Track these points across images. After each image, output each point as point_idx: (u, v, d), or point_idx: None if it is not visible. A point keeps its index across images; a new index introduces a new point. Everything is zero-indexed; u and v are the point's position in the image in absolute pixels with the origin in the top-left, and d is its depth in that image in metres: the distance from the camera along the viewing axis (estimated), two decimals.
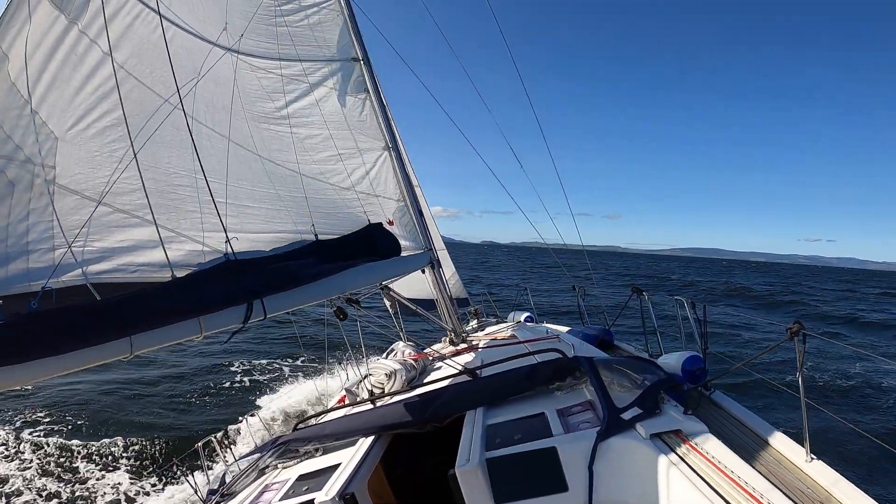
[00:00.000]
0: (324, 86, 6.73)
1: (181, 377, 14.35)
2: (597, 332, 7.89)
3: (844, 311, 39.32)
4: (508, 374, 5.07)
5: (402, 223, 7.74)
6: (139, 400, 12.55)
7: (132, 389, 13.23)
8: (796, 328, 3.68)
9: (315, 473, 4.50)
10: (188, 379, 14.24)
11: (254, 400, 12.63)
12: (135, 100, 4.22)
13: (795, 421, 3.97)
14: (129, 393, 13.01)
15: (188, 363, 15.71)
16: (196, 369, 15.22)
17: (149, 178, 4.15)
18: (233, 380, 14.37)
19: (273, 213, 5.68)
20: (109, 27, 3.92)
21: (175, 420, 11.38)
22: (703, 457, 3.33)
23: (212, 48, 5.22)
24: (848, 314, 36.44)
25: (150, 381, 13.91)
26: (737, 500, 2.88)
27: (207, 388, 13.47)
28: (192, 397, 12.83)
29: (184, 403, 12.38)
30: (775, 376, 14.62)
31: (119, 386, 13.39)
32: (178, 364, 15.51)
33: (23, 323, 2.64)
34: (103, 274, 3.64)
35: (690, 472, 3.19)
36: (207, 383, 13.90)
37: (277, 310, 4.13)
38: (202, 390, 13.31)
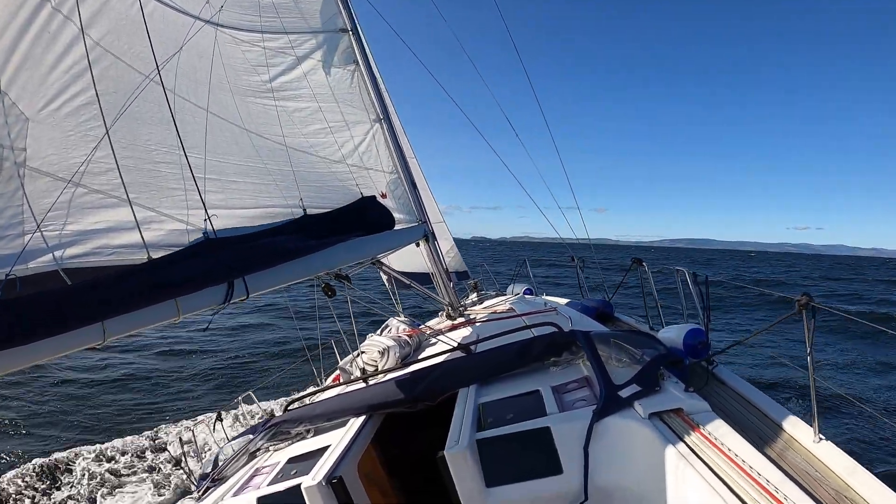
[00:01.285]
0: (311, 58, 6.59)
1: (171, 359, 14.37)
2: (596, 305, 7.82)
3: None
4: (502, 350, 4.96)
5: (396, 196, 7.64)
6: (130, 384, 12.56)
7: (123, 373, 13.27)
8: (805, 300, 3.49)
9: (304, 456, 4.43)
10: (178, 362, 14.26)
11: (246, 381, 12.62)
12: (113, 77, 4.11)
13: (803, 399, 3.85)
14: (118, 377, 13.05)
15: (176, 345, 15.75)
16: (185, 351, 15.27)
17: (128, 156, 4.08)
18: (224, 362, 14.37)
19: (261, 188, 5.58)
20: (84, 3, 3.82)
21: (166, 404, 11.41)
22: (705, 437, 3.21)
23: (194, 22, 5.09)
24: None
25: (140, 364, 13.95)
26: (739, 484, 2.76)
27: (198, 371, 13.50)
28: (183, 381, 12.83)
29: (175, 387, 12.39)
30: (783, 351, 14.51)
31: (108, 371, 13.42)
32: (166, 346, 15.55)
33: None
34: (76, 258, 3.55)
35: (691, 454, 3.07)
36: (197, 366, 13.92)
37: (260, 288, 4.06)
38: (193, 373, 13.34)
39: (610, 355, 4.42)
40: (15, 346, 2.49)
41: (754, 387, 4.56)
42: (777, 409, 4.07)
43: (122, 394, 12.11)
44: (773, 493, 2.63)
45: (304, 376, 12.54)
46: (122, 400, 11.75)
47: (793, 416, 3.91)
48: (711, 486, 2.78)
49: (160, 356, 14.80)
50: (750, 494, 2.66)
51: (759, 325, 22.67)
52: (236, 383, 12.58)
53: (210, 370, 13.61)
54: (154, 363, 14.29)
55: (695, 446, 3.13)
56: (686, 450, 3.11)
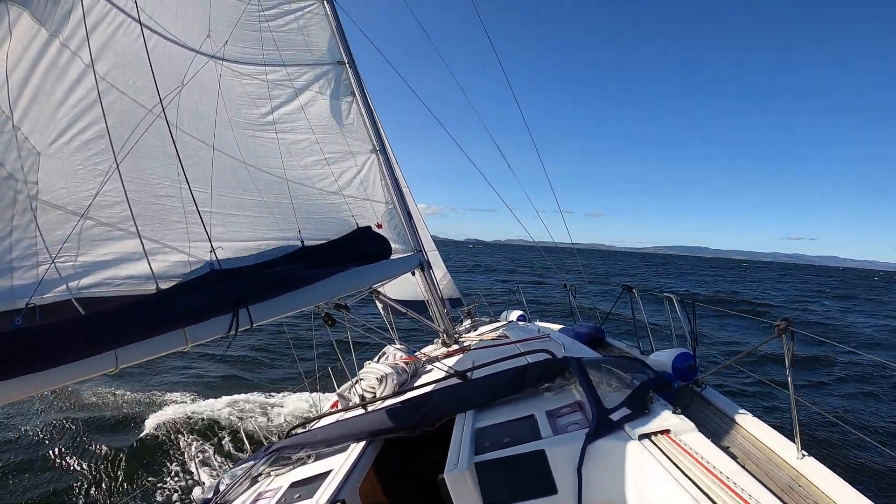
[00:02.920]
0: (309, 90, 6.72)
1: (172, 386, 14.27)
2: (588, 330, 7.91)
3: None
4: (497, 377, 5.04)
5: (391, 226, 7.73)
6: (131, 410, 12.48)
7: (123, 399, 13.19)
8: (784, 325, 3.64)
9: (307, 480, 4.50)
10: (179, 388, 14.17)
11: (246, 408, 12.59)
12: (118, 111, 4.20)
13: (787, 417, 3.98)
14: (119, 403, 12.95)
15: (178, 373, 15.66)
16: (186, 378, 15.18)
17: (132, 189, 4.15)
18: (226, 389, 14.32)
19: (260, 221, 5.67)
20: (91, 39, 3.92)
21: (167, 430, 11.35)
22: (692, 457, 3.32)
23: (195, 56, 5.21)
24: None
25: (141, 390, 13.86)
26: (724, 500, 2.86)
27: (198, 400, 13.40)
28: (185, 407, 12.77)
29: (173, 413, 12.32)
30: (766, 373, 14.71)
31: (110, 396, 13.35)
32: (167, 373, 15.46)
33: (6, 340, 2.63)
34: (87, 288, 3.64)
35: (678, 473, 3.17)
36: (199, 393, 13.84)
37: (264, 318, 4.13)
38: (193, 402, 13.24)
39: (601, 380, 4.55)
40: (36, 371, 2.56)
41: (740, 407, 4.70)
42: (761, 428, 4.20)
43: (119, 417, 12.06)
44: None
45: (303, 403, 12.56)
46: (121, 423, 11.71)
47: (776, 433, 4.05)
48: (697, 502, 2.89)
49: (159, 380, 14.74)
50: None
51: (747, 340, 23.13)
52: (237, 410, 12.54)
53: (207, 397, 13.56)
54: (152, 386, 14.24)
55: (683, 465, 3.24)
56: (674, 469, 3.22)
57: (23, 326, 2.98)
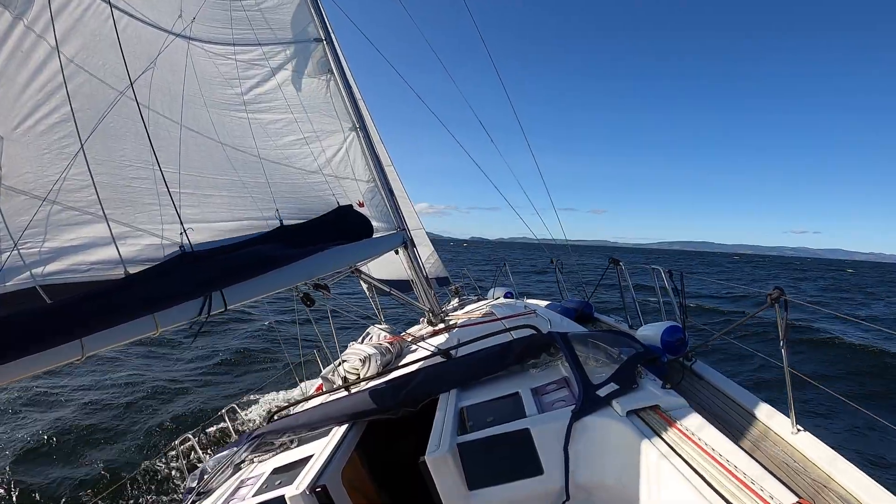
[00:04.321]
0: (285, 69, 6.63)
1: (152, 376, 14.19)
2: (576, 306, 7.90)
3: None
4: (481, 354, 4.99)
5: (373, 204, 7.68)
6: (112, 400, 12.41)
7: (102, 390, 13.14)
8: (776, 294, 3.58)
9: (288, 466, 4.45)
10: (160, 377, 14.08)
11: (229, 395, 12.55)
12: (87, 93, 4.12)
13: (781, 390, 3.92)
14: (99, 393, 12.88)
15: (156, 362, 15.61)
16: (165, 367, 15.13)
17: (103, 172, 4.09)
18: (207, 376, 14.28)
19: (237, 201, 5.60)
20: (58, 20, 3.84)
21: (150, 420, 11.32)
22: (682, 433, 3.26)
23: (167, 36, 5.11)
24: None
25: (120, 381, 13.79)
26: (716, 478, 2.80)
27: (181, 386, 13.37)
28: (166, 395, 12.72)
29: (157, 402, 12.29)
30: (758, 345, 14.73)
31: (90, 387, 13.29)
32: (145, 364, 15.39)
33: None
34: (54, 275, 3.57)
35: (668, 450, 3.11)
36: (180, 381, 13.79)
37: (238, 300, 4.08)
38: (176, 388, 13.21)
39: (588, 355, 4.48)
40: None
41: (732, 381, 4.63)
42: (755, 403, 4.14)
43: (101, 407, 12.00)
44: (751, 486, 2.67)
45: (287, 386, 12.55)
46: (103, 415, 11.66)
47: (770, 408, 3.98)
48: (689, 481, 2.83)
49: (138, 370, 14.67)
50: (728, 488, 2.70)
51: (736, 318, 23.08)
52: (219, 397, 12.51)
53: (191, 385, 13.52)
54: (131, 376, 14.17)
55: (672, 442, 3.19)
56: (664, 446, 3.17)
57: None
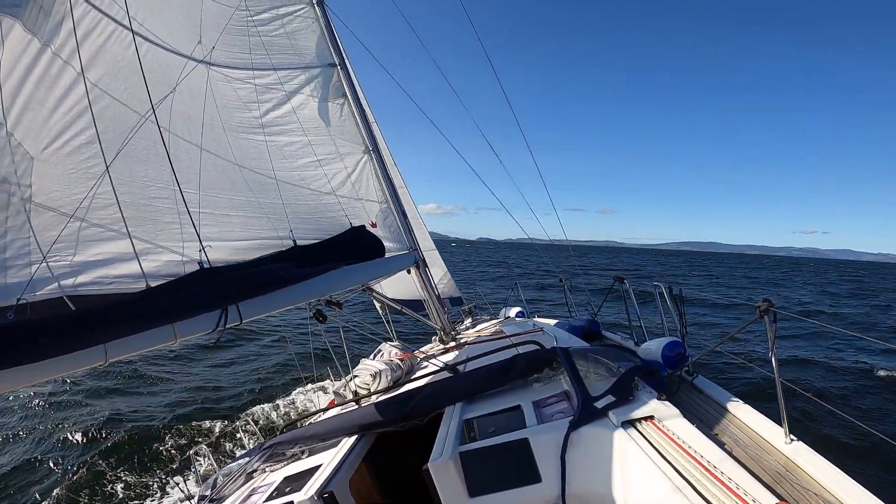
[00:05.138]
0: (301, 93, 6.83)
1: (168, 387, 14.30)
2: (583, 324, 7.98)
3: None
4: (486, 369, 5.12)
5: (386, 225, 7.81)
6: (130, 409, 12.54)
7: (119, 398, 13.30)
8: (765, 307, 3.65)
9: (299, 475, 4.58)
10: (176, 388, 14.19)
11: (243, 406, 12.67)
12: (110, 117, 4.30)
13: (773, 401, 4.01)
14: (117, 402, 13.05)
15: (174, 372, 15.76)
16: (182, 378, 15.25)
17: (126, 192, 4.25)
18: (222, 388, 14.39)
19: (253, 221, 5.77)
20: (82, 47, 4.04)
21: (165, 429, 11.42)
22: (675, 443, 3.34)
23: (186, 62, 5.32)
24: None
25: (138, 390, 13.96)
26: (706, 486, 2.87)
27: (196, 397, 13.48)
28: (182, 406, 12.82)
29: (173, 412, 12.39)
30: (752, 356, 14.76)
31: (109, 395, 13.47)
32: (164, 374, 15.55)
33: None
34: (80, 287, 3.74)
35: (661, 460, 3.19)
36: (196, 392, 13.90)
37: (253, 314, 4.23)
38: (191, 399, 13.31)
39: (588, 369, 4.60)
40: (27, 363, 2.68)
41: (729, 393, 4.73)
42: (750, 414, 4.23)
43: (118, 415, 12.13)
44: (735, 490, 2.76)
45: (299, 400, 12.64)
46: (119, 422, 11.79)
47: (765, 419, 4.07)
48: (679, 490, 2.91)
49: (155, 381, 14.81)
50: (716, 496, 2.78)
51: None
52: (234, 408, 12.62)
53: (205, 397, 13.63)
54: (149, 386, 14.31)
55: (665, 451, 3.27)
56: (657, 455, 3.25)
57: (13, 321, 3.10)
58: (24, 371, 2.68)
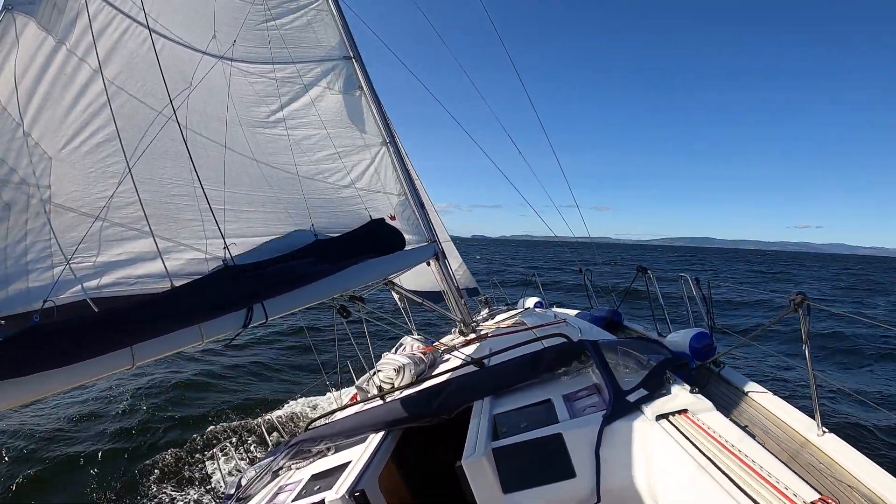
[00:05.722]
0: (318, 86, 6.75)
1: (190, 384, 14.35)
2: (605, 314, 7.92)
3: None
4: (514, 363, 5.03)
5: (404, 217, 7.75)
6: (152, 408, 12.60)
7: (143, 398, 13.33)
8: (799, 299, 3.60)
9: (326, 473, 4.53)
10: (199, 386, 14.25)
11: (267, 404, 12.68)
12: (127, 114, 4.24)
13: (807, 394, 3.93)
14: (140, 401, 13.10)
15: (194, 369, 15.83)
16: (206, 375, 15.32)
17: (145, 190, 4.20)
18: (245, 386, 14.41)
19: (273, 216, 5.72)
20: (98, 44, 3.97)
21: (189, 426, 11.45)
22: (710, 436, 3.29)
23: (202, 57, 5.25)
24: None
25: (160, 387, 13.99)
26: (746, 481, 2.81)
27: (220, 395, 13.50)
28: (202, 405, 12.86)
29: (194, 411, 12.41)
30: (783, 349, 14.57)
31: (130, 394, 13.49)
32: (183, 370, 15.62)
33: (23, 338, 2.66)
34: (103, 288, 3.68)
35: (697, 453, 3.14)
36: (216, 391, 13.95)
37: (278, 312, 4.18)
38: (212, 398, 13.34)
39: (618, 362, 4.52)
40: (53, 368, 2.61)
41: (758, 385, 4.67)
42: (780, 406, 4.18)
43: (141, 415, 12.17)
44: (783, 491, 2.68)
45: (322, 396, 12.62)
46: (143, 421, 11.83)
47: (796, 411, 4.03)
48: (718, 483, 2.85)
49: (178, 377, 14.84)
50: (757, 491, 2.72)
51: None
52: (255, 407, 12.63)
53: (227, 395, 13.64)
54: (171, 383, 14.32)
55: (701, 445, 3.21)
56: (693, 449, 3.19)
57: (40, 323, 3.02)
58: (48, 377, 2.62)
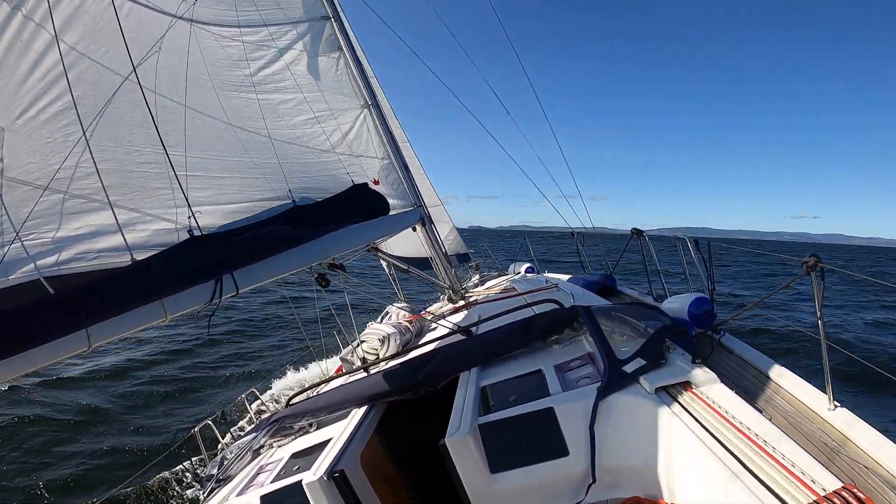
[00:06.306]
0: (293, 48, 6.52)
1: (168, 362, 14.27)
2: (598, 279, 7.75)
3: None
4: (503, 331, 4.86)
5: (389, 181, 7.57)
6: (130, 388, 12.48)
7: (120, 377, 13.22)
8: (813, 262, 3.35)
9: (307, 451, 4.38)
10: (178, 364, 14.15)
11: (249, 380, 12.53)
12: (91, 81, 4.07)
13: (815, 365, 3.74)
14: (118, 381, 12.98)
15: (172, 347, 15.67)
16: (184, 353, 15.19)
17: (109, 158, 4.05)
18: (225, 362, 14.32)
19: (249, 182, 5.56)
20: (58, 8, 3.80)
21: (169, 407, 11.36)
22: (715, 411, 3.08)
23: (170, 20, 5.04)
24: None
25: (138, 365, 13.87)
26: (752, 460, 2.63)
27: (199, 373, 13.41)
28: (186, 383, 12.76)
29: (177, 389, 12.31)
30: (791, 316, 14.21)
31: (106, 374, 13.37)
32: (163, 349, 15.45)
33: None
34: (58, 265, 3.53)
35: (700, 429, 2.94)
36: (199, 367, 13.85)
37: (251, 283, 4.01)
38: (194, 375, 13.26)
39: (613, 329, 4.31)
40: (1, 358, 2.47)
41: (763, 354, 4.40)
42: (788, 378, 3.91)
43: (120, 395, 12.07)
44: (790, 469, 2.51)
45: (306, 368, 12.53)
46: (121, 400, 11.75)
47: (805, 382, 3.77)
48: (723, 462, 2.68)
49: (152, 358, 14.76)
50: (764, 470, 2.56)
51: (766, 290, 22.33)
52: (238, 382, 12.53)
53: (208, 370, 13.55)
54: (149, 360, 14.27)
55: (705, 420, 3.03)
56: (696, 424, 3.01)
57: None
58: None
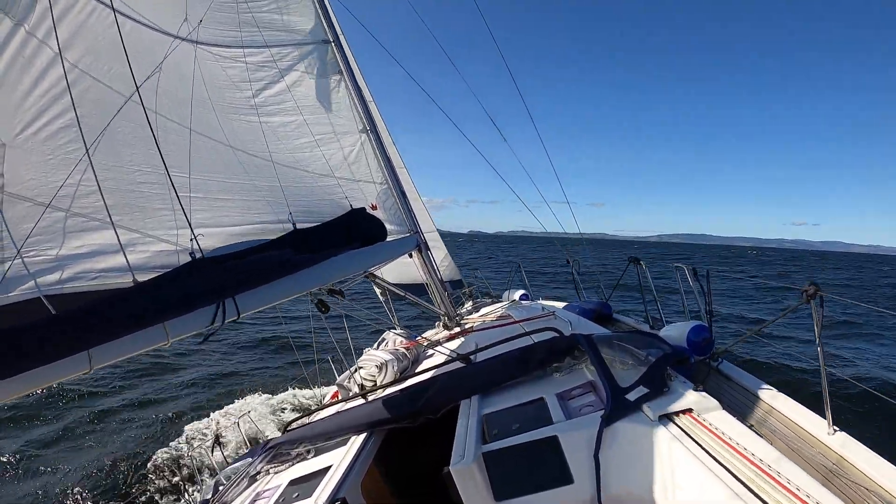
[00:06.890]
0: (295, 70, 6.52)
1: (165, 386, 14.12)
2: (594, 306, 7.75)
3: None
4: (503, 358, 4.81)
5: (386, 207, 7.57)
6: (123, 413, 12.36)
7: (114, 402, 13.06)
8: (812, 290, 3.42)
9: (306, 478, 4.32)
10: (174, 387, 14.02)
11: (244, 405, 12.44)
12: (93, 99, 4.03)
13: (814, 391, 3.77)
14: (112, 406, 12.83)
15: (171, 370, 15.53)
16: (181, 375, 15.05)
17: (111, 178, 4.00)
18: (219, 384, 14.19)
19: (250, 205, 5.52)
20: (61, 26, 3.74)
21: (164, 430, 11.23)
22: (718, 437, 3.09)
23: (172, 41, 5.02)
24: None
25: (132, 391, 13.71)
26: (758, 484, 2.63)
27: (195, 396, 13.27)
28: (177, 404, 12.64)
29: (172, 413, 12.19)
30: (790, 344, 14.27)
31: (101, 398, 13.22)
32: (160, 372, 15.32)
33: None
34: (60, 284, 3.46)
35: (706, 456, 2.94)
36: (194, 391, 13.72)
37: (252, 308, 3.95)
38: (190, 399, 13.12)
39: (614, 358, 4.29)
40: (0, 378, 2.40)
41: (760, 380, 4.47)
42: (787, 403, 3.98)
43: (113, 419, 11.91)
44: (795, 492, 2.52)
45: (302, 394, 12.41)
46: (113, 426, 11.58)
47: (803, 408, 3.83)
48: (729, 487, 2.67)
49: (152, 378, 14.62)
50: (770, 494, 2.55)
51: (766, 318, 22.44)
52: (232, 405, 12.42)
53: (203, 393, 13.41)
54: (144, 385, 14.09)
55: (708, 447, 3.02)
56: (700, 451, 3.01)
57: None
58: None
